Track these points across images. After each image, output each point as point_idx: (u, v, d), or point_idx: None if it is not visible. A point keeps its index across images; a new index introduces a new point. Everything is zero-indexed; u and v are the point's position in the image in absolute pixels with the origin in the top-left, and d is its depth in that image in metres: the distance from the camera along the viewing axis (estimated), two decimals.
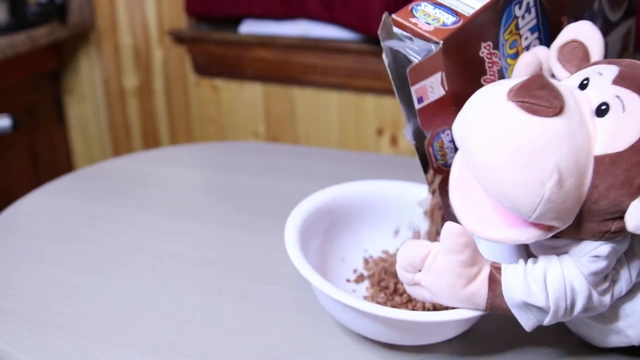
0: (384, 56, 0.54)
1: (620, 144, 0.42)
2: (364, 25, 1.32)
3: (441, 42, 0.50)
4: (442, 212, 0.61)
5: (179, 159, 0.99)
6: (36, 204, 0.82)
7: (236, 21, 1.55)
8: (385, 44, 0.53)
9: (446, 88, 0.52)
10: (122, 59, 1.68)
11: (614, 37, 0.65)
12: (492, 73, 0.54)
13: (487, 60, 0.53)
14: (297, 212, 0.60)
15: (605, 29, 0.62)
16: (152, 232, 0.74)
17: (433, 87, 0.52)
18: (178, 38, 1.58)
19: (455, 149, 0.55)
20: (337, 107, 1.50)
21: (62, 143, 1.81)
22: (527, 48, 0.55)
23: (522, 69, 0.53)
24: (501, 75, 0.55)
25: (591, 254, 0.45)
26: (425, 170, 0.59)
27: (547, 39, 0.56)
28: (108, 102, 1.75)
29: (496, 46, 0.53)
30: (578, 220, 0.44)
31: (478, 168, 0.43)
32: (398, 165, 0.93)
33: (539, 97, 0.41)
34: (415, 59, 0.52)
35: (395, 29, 0.53)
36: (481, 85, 0.53)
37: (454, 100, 0.52)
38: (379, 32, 0.53)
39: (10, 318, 0.58)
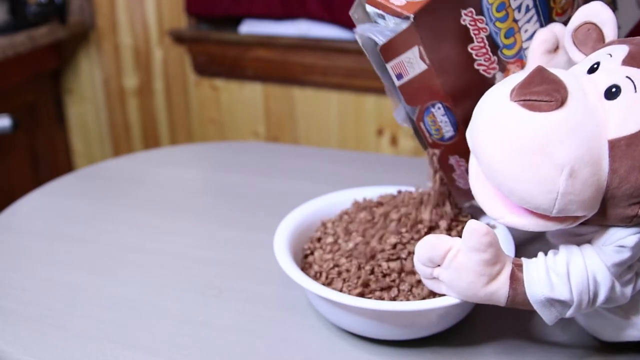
0: (356, 37, 0.52)
1: (634, 125, 0.41)
2: None
3: (412, 16, 0.48)
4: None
5: (179, 159, 0.99)
6: (36, 204, 0.82)
7: (236, 21, 1.55)
8: (356, 31, 0.52)
9: (427, 62, 0.50)
10: (122, 59, 1.68)
11: None
12: (479, 40, 0.52)
13: (471, 28, 0.51)
14: (284, 226, 0.61)
15: None
16: (152, 232, 0.74)
17: (412, 62, 0.50)
18: (178, 38, 1.58)
19: (451, 122, 0.54)
20: (337, 107, 1.50)
21: (62, 143, 1.81)
22: (519, 9, 0.53)
23: (539, 45, 0.52)
24: (491, 42, 0.52)
25: (617, 243, 0.44)
26: (424, 147, 0.57)
27: None
28: (108, 102, 1.75)
29: (480, 12, 0.51)
30: (603, 207, 0.43)
31: (491, 173, 0.44)
32: (398, 165, 0.93)
33: (540, 93, 0.41)
34: (382, 41, 0.50)
35: (368, 8, 0.51)
36: (469, 54, 0.52)
37: (440, 72, 0.50)
38: (351, 13, 0.51)
39: (10, 318, 0.58)
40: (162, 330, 0.56)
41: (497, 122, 0.43)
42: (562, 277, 0.45)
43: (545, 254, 0.47)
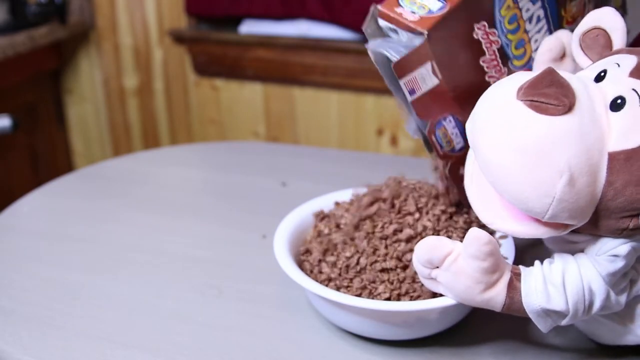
0: (369, 52, 0.53)
1: (635, 140, 0.41)
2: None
3: (425, 32, 0.48)
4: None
5: (179, 159, 0.99)
6: (36, 204, 0.82)
7: (236, 21, 1.55)
8: (368, 47, 0.52)
9: (439, 77, 0.50)
10: (122, 59, 1.68)
11: None
12: (491, 53, 0.52)
13: (483, 41, 0.51)
14: (284, 226, 0.61)
15: None
16: (152, 232, 0.74)
17: (424, 78, 0.50)
18: (178, 38, 1.58)
19: (462, 133, 0.54)
20: (337, 107, 1.50)
21: (62, 143, 1.81)
22: (530, 20, 0.53)
23: (545, 53, 0.51)
24: (502, 53, 0.52)
25: (610, 252, 0.44)
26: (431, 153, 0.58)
27: (552, 6, 0.54)
28: (108, 102, 1.75)
29: (492, 25, 0.51)
30: (595, 217, 0.43)
31: (488, 169, 0.43)
32: (398, 165, 0.93)
33: (548, 95, 0.40)
34: (396, 58, 0.50)
35: (381, 22, 0.51)
36: (480, 67, 0.52)
37: (451, 87, 0.51)
38: (364, 28, 0.52)
39: (10, 318, 0.58)
40: (162, 330, 0.56)
41: (501, 119, 0.42)
42: (558, 288, 0.45)
43: (542, 262, 0.47)
